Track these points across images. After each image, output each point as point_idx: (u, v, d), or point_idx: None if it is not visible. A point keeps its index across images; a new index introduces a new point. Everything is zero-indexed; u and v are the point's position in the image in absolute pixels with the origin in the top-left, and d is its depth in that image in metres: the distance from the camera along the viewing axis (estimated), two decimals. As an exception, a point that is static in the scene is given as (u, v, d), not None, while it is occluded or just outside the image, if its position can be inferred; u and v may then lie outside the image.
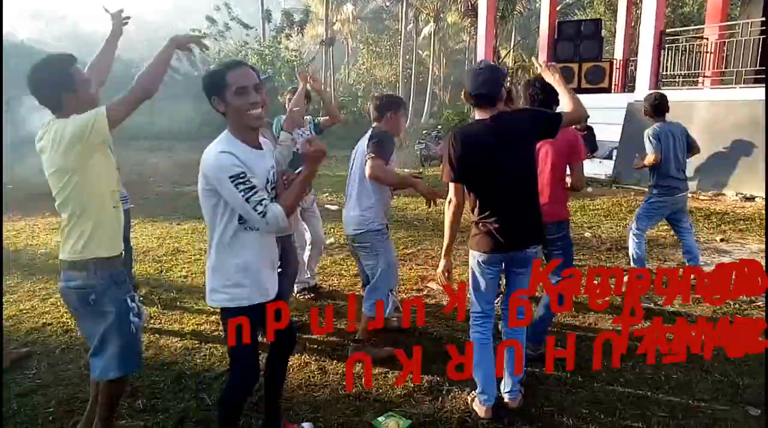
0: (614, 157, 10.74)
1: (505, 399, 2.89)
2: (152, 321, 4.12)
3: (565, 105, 2.93)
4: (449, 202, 2.74)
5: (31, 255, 6.04)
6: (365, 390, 3.11)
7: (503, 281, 3.15)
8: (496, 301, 2.97)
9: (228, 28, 25.44)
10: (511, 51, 30.05)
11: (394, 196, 9.36)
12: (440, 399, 3.02)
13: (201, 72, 23.71)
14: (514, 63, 28.84)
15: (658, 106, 4.62)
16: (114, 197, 2.41)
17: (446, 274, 2.86)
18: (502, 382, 2.92)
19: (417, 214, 8.01)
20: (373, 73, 33.84)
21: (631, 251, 4.75)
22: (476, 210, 2.71)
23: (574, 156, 3.29)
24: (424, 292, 4.75)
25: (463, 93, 2.73)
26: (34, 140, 2.30)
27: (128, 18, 3.12)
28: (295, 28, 25.36)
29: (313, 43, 32.38)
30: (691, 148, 4.72)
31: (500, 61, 25.58)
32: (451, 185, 2.72)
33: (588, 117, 3.08)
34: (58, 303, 4.50)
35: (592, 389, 3.10)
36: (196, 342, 3.77)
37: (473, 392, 2.92)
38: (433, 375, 3.27)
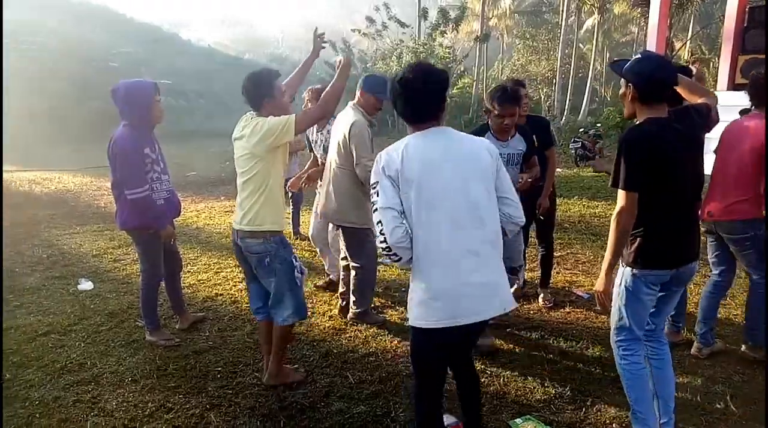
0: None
1: None
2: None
3: (690, 92, 2.58)
4: (619, 213, 2.30)
5: (208, 233, 6.86)
6: (504, 390, 3.06)
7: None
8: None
9: (385, 27, 26.36)
10: (688, 42, 27.09)
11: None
12: (583, 409, 2.86)
13: (359, 70, 24.92)
14: (690, 55, 25.97)
15: None
16: (283, 186, 2.99)
17: (604, 296, 2.40)
18: (656, 411, 2.54)
19: (568, 216, 7.62)
20: (527, 68, 32.76)
21: None
22: (643, 219, 2.33)
23: None
24: (571, 298, 4.52)
25: (630, 88, 2.31)
26: (210, 135, 2.70)
27: (326, 42, 3.39)
28: (450, 25, 25.43)
29: (467, 40, 32.19)
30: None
31: (674, 54, 23.23)
32: (622, 193, 2.28)
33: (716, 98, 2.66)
34: (229, 277, 5.06)
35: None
36: (342, 324, 4.00)
37: None
38: (577, 383, 3.11)
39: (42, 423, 2.78)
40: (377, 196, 2.05)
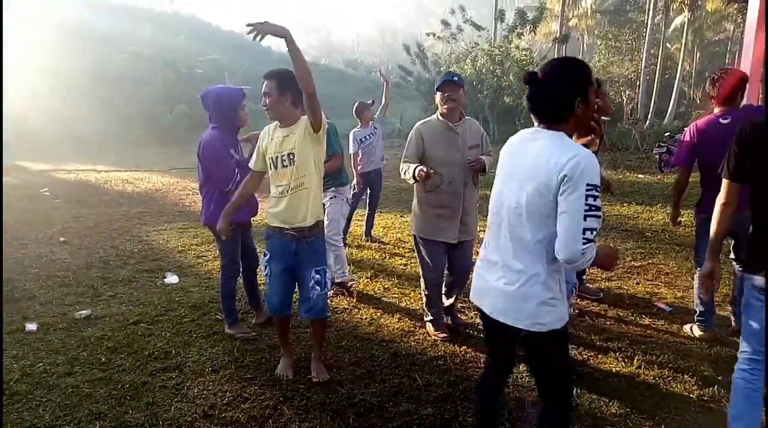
0: None
1: None
2: (375, 302, 4.52)
3: None
4: (717, 199, 2.37)
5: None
6: (577, 402, 2.96)
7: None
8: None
9: (460, 30, 26.14)
10: (791, 39, 24.94)
11: (624, 204, 8.56)
12: (662, 426, 2.73)
13: (432, 74, 24.87)
14: (794, 53, 23.90)
15: None
16: (274, 188, 3.11)
17: (709, 281, 2.43)
18: None
19: (651, 225, 7.26)
20: (609, 69, 31.46)
21: None
22: (756, 218, 2.25)
23: None
24: (652, 311, 4.30)
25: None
26: None
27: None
28: (528, 27, 24.84)
29: (546, 41, 31.37)
30: None
31: (774, 51, 21.48)
32: (725, 182, 2.35)
33: None
34: (302, 276, 5.22)
35: None
36: (411, 326, 4.03)
37: None
38: (656, 400, 2.97)
39: (132, 405, 3.00)
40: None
